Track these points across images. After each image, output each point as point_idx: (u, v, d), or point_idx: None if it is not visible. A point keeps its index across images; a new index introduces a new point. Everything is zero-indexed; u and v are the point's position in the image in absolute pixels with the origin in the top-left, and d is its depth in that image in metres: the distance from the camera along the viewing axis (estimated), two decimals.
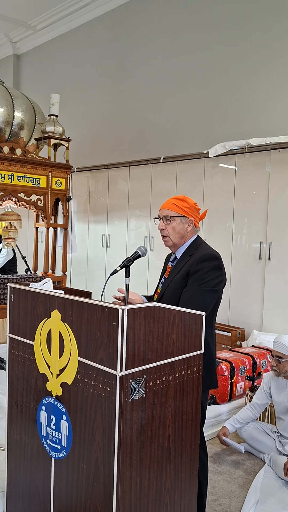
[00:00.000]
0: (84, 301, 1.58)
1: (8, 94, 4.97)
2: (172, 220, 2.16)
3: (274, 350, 2.92)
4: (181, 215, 2.15)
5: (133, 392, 1.50)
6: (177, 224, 2.16)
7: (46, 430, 1.78)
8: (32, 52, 8.60)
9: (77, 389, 1.63)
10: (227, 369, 3.60)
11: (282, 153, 4.66)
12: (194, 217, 2.17)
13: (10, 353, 1.95)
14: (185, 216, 2.15)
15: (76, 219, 6.22)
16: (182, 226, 2.16)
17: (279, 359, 2.85)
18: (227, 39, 5.41)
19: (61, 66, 7.90)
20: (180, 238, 2.18)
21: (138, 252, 2.17)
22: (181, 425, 1.72)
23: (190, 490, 1.80)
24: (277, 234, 4.72)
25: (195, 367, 1.76)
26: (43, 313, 1.76)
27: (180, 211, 2.15)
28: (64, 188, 5.36)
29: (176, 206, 2.16)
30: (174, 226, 2.16)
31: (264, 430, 3.03)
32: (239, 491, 2.62)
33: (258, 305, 4.88)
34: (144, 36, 6.42)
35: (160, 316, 1.59)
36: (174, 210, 2.15)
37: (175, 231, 2.17)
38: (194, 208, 2.18)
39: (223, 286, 2.11)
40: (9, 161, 4.83)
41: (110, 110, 6.93)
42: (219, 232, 5.23)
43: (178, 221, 2.16)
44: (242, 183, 5.03)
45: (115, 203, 6.59)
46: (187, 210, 2.15)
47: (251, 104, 5.17)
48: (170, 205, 2.17)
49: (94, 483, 1.57)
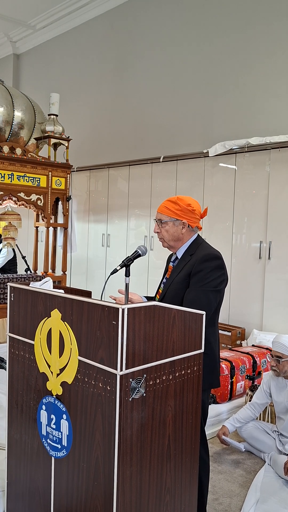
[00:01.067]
0: (84, 300, 1.58)
1: (8, 93, 4.97)
2: (165, 224, 2.18)
3: (273, 350, 2.92)
4: (173, 218, 2.16)
5: (133, 391, 1.50)
6: (170, 227, 2.17)
7: (46, 430, 1.78)
8: (32, 51, 8.59)
9: (77, 389, 1.63)
10: (227, 369, 3.60)
11: (282, 153, 4.66)
12: (188, 218, 2.16)
13: (10, 353, 1.95)
14: (177, 219, 2.15)
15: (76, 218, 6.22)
16: (176, 229, 2.17)
17: (278, 359, 2.85)
18: (227, 38, 5.41)
19: (60, 66, 7.90)
20: (175, 240, 2.19)
21: (138, 251, 2.17)
22: (181, 424, 1.72)
23: (191, 489, 1.80)
24: (277, 233, 4.72)
25: (195, 366, 1.76)
26: (43, 312, 1.76)
27: (172, 214, 2.15)
28: (64, 188, 5.36)
29: (167, 209, 2.16)
30: (167, 229, 2.18)
31: (264, 429, 3.03)
32: (239, 490, 2.62)
33: (258, 305, 4.88)
34: (144, 35, 6.41)
35: (160, 315, 1.58)
36: (166, 213, 2.17)
37: (169, 234, 2.18)
38: (187, 209, 2.16)
39: (225, 286, 2.11)
40: (9, 161, 4.83)
41: (110, 109, 6.93)
42: (219, 231, 5.22)
43: (171, 224, 2.17)
44: (242, 182, 5.03)
45: (115, 202, 6.58)
46: (178, 212, 2.15)
47: (251, 103, 5.17)
48: (163, 209, 2.18)
49: (94, 483, 1.57)
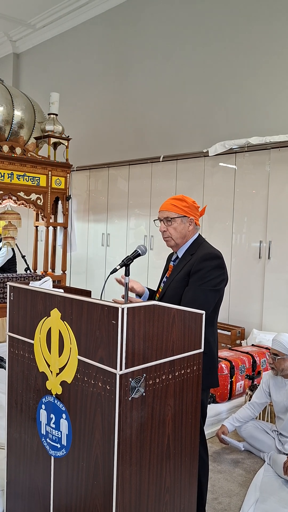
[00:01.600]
0: (83, 299, 1.58)
1: (8, 93, 4.97)
2: (173, 221, 2.15)
3: (271, 347, 2.95)
4: (181, 215, 2.14)
5: (132, 391, 1.50)
6: (178, 224, 2.15)
7: (46, 429, 1.78)
8: (32, 51, 8.59)
9: (76, 388, 1.63)
10: (226, 368, 3.60)
11: (282, 152, 4.65)
12: (194, 215, 2.17)
13: (10, 352, 1.95)
14: (186, 216, 2.15)
15: (75, 218, 6.22)
16: (184, 226, 2.16)
17: (275, 357, 2.88)
18: (226, 38, 5.41)
19: (60, 65, 7.89)
20: (182, 238, 2.18)
21: (138, 251, 2.17)
22: (181, 423, 1.72)
23: (190, 489, 1.80)
24: (277, 233, 4.71)
25: (194, 366, 1.76)
26: (43, 311, 1.76)
27: (180, 211, 2.14)
28: (64, 187, 5.35)
29: (175, 206, 2.14)
30: (175, 227, 2.15)
31: (263, 429, 3.03)
32: (238, 490, 2.62)
33: (258, 304, 4.88)
34: (144, 34, 6.41)
35: (160, 314, 1.58)
36: (174, 210, 2.14)
37: (177, 231, 2.15)
38: (194, 206, 2.17)
39: (225, 285, 2.11)
40: (9, 160, 4.83)
41: (110, 108, 6.92)
42: (219, 231, 5.22)
43: (179, 221, 2.15)
44: (242, 182, 5.02)
45: (114, 202, 6.58)
46: (186, 209, 2.15)
47: (251, 103, 5.17)
48: (170, 206, 2.15)
49: (93, 482, 1.57)
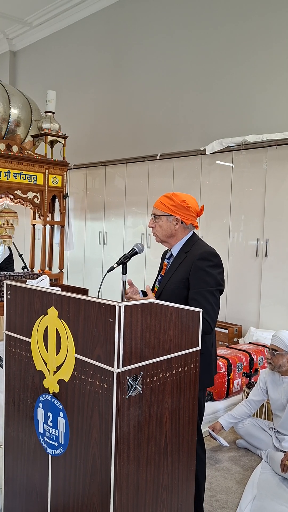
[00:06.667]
0: (81, 298, 1.58)
1: (4, 91, 4.95)
2: (159, 219, 2.18)
3: (271, 343, 2.95)
4: (166, 213, 2.16)
5: (130, 389, 1.50)
6: (164, 222, 2.17)
7: (43, 427, 1.77)
8: (29, 48, 8.56)
9: (74, 386, 1.63)
10: (224, 366, 3.61)
11: (279, 150, 4.66)
12: (182, 214, 2.15)
13: (7, 350, 1.95)
14: (171, 215, 2.15)
15: (73, 216, 6.22)
16: (169, 225, 2.17)
17: (274, 352, 2.89)
18: (223, 36, 5.40)
19: (57, 63, 7.87)
20: (168, 236, 2.19)
21: (135, 249, 2.17)
22: (178, 421, 1.73)
23: (188, 487, 1.81)
24: (274, 231, 4.72)
25: (192, 364, 1.76)
26: (40, 310, 1.75)
27: (166, 210, 2.15)
28: (61, 185, 5.35)
29: (162, 204, 2.17)
30: (161, 225, 2.18)
31: (261, 426, 3.04)
32: (236, 487, 2.63)
33: (255, 302, 4.89)
34: (141, 32, 6.40)
35: (157, 312, 1.58)
36: (161, 208, 2.17)
37: (162, 229, 2.19)
38: (181, 205, 2.14)
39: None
40: (6, 158, 4.81)
41: (107, 107, 6.91)
42: (216, 229, 5.23)
43: (165, 220, 2.17)
44: (239, 180, 5.03)
45: (112, 200, 6.58)
46: (172, 208, 2.14)
47: (247, 101, 5.17)
48: (158, 204, 2.19)
49: (91, 480, 1.57)
